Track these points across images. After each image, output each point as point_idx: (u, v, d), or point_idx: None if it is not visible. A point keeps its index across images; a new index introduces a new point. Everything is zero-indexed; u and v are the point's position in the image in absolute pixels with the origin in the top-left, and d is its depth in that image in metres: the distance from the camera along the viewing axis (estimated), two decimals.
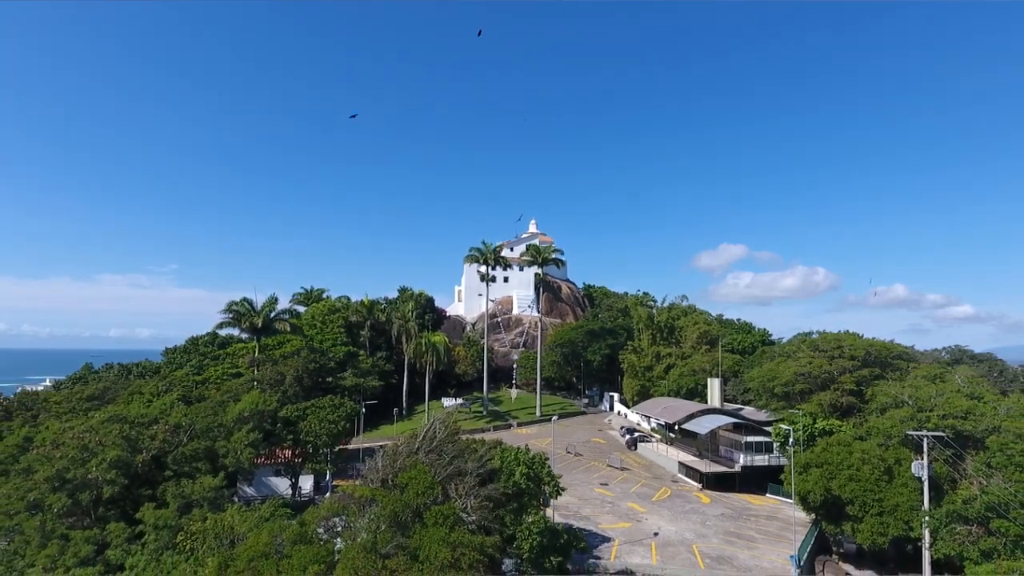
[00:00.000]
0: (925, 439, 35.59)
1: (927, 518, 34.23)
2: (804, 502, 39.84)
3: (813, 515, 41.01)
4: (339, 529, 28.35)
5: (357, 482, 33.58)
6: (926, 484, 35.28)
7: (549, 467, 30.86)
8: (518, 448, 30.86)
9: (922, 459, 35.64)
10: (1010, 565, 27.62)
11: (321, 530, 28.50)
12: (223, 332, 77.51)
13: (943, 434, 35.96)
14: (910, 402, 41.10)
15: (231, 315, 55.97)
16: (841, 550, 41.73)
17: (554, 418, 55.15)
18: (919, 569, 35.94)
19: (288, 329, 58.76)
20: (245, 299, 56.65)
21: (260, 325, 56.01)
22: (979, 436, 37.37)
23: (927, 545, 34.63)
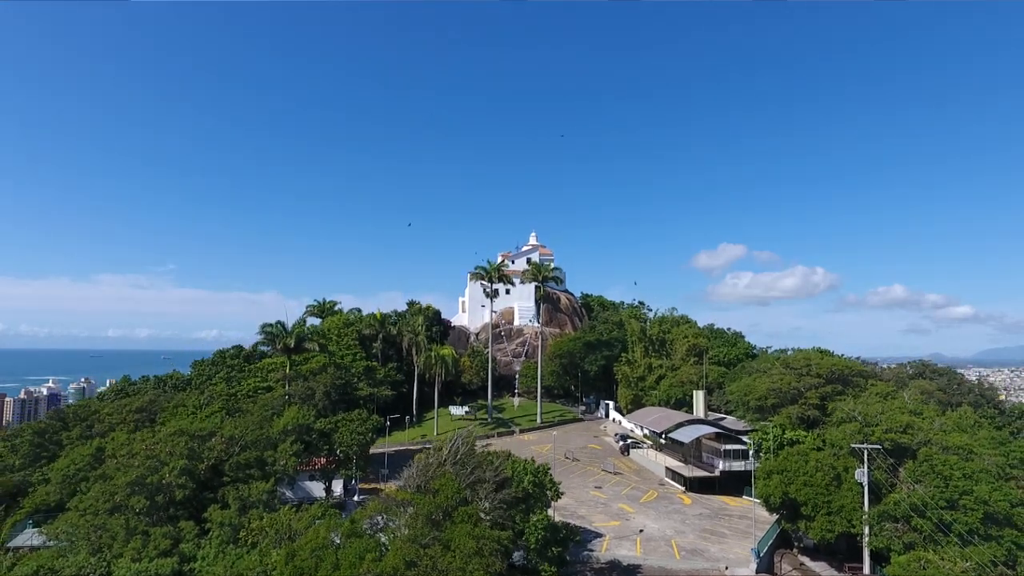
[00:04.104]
0: (866, 451, 42.48)
1: (865, 517, 41.10)
2: (767, 504, 46.66)
3: (775, 514, 47.84)
4: (381, 525, 35.16)
5: (391, 484, 40.25)
6: (866, 488, 42.12)
7: (551, 476, 37.66)
8: (526, 460, 37.65)
9: (864, 467, 42.55)
10: (918, 555, 34.48)
11: (367, 526, 35.30)
12: (247, 345, 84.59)
13: (880, 447, 42.82)
14: (859, 418, 47.95)
15: (266, 336, 62.66)
16: (800, 544, 48.54)
17: (554, 434, 61.76)
18: (862, 560, 42.83)
19: (317, 349, 65.47)
20: (279, 322, 63.40)
21: (292, 345, 62.73)
22: (914, 447, 44.28)
23: (866, 540, 41.50)
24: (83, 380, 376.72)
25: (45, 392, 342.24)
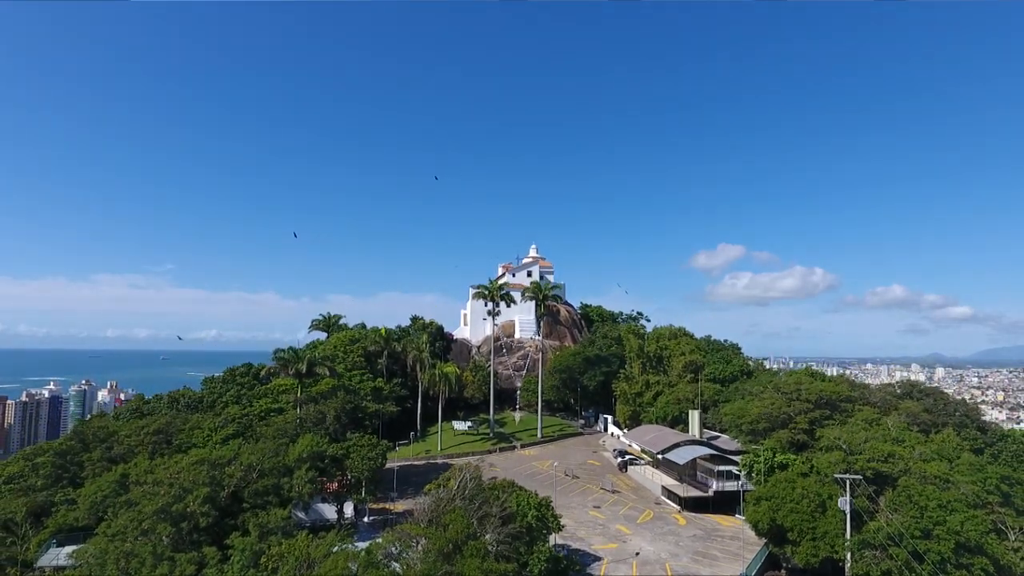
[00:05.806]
0: (848, 481, 45.23)
1: (847, 544, 43.83)
2: (755, 528, 49.40)
3: (763, 539, 50.56)
4: (396, 555, 37.81)
5: (400, 504, 42.88)
6: (848, 516, 44.86)
7: (553, 509, 40.37)
8: (529, 494, 40.36)
9: (846, 496, 45.28)
10: None
11: (382, 556, 37.94)
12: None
13: (862, 476, 45.57)
14: (844, 447, 50.69)
15: (279, 362, 65.33)
16: (788, 566, 51.25)
17: (555, 464, 64.45)
18: None
19: (327, 374, 68.19)
20: (291, 348, 66.35)
21: (304, 370, 65.45)
22: (895, 476, 47.04)
23: (848, 566, 44.24)
24: (84, 382, 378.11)
25: (46, 395, 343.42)
